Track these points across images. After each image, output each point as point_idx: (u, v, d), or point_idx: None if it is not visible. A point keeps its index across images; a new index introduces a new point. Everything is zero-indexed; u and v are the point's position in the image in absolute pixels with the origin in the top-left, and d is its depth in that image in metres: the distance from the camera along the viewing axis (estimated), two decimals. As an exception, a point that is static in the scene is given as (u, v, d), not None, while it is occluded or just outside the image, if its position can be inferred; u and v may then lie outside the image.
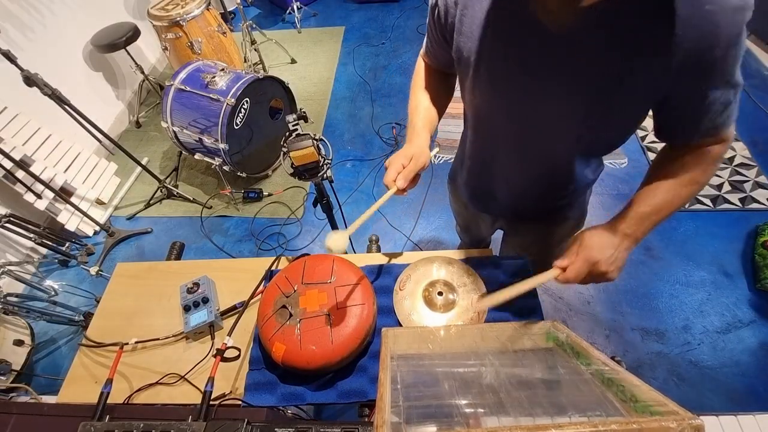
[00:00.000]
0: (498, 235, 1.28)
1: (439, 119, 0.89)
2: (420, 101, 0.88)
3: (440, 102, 0.90)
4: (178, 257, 1.19)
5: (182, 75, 2.22)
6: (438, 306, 0.88)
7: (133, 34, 2.62)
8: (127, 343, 0.90)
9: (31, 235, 2.06)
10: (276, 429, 0.66)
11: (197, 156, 2.38)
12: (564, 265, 0.69)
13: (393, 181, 0.76)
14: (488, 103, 0.75)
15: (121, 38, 2.55)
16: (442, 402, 0.58)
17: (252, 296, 0.93)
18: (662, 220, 0.69)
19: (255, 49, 3.10)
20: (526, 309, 0.89)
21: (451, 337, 0.77)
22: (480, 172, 0.96)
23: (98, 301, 1.06)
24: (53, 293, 2.08)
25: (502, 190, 0.93)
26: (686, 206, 2.14)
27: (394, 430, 0.49)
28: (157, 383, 0.87)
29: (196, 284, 0.97)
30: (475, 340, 0.77)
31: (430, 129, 0.85)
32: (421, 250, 2.13)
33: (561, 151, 0.76)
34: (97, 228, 2.36)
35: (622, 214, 0.71)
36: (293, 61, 3.35)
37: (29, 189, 2.07)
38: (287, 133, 1.07)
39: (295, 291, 0.86)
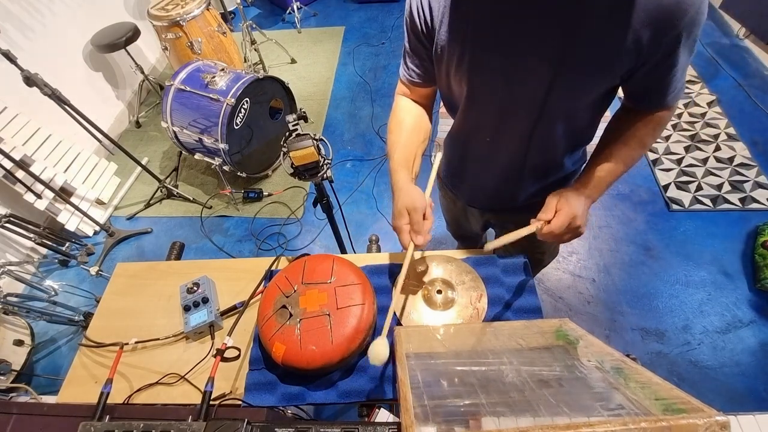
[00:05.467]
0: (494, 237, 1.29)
1: (426, 145, 0.89)
2: (396, 141, 0.85)
3: (422, 129, 0.89)
4: (178, 257, 1.18)
5: (182, 75, 2.22)
6: (437, 304, 0.88)
7: (133, 34, 2.62)
8: (127, 343, 0.90)
9: (31, 235, 2.06)
10: (276, 429, 0.66)
11: (197, 156, 2.38)
12: (548, 218, 0.73)
13: (411, 242, 0.74)
14: (470, 90, 0.77)
15: (121, 38, 2.55)
16: (468, 401, 0.58)
17: (252, 296, 0.93)
18: (615, 180, 0.79)
19: (255, 49, 3.10)
20: (527, 309, 0.89)
21: (464, 335, 0.77)
22: (466, 161, 0.98)
23: (98, 301, 1.06)
24: (53, 293, 2.08)
25: (487, 178, 0.96)
26: (685, 206, 2.14)
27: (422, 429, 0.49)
28: (157, 383, 0.87)
29: (196, 284, 0.97)
30: (489, 338, 0.77)
31: (408, 165, 0.83)
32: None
33: (537, 131, 0.79)
34: (97, 228, 2.36)
35: (582, 179, 0.79)
36: (293, 61, 3.35)
37: (29, 189, 2.07)
38: (287, 133, 1.07)
39: (295, 291, 0.86)
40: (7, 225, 1.93)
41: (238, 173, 2.34)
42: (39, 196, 2.13)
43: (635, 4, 0.57)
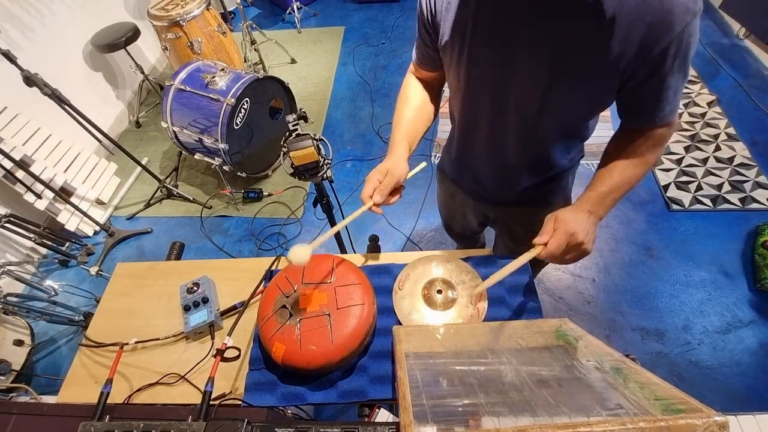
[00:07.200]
0: (493, 238, 1.29)
1: (428, 127, 0.94)
2: (402, 114, 0.91)
3: (426, 110, 0.93)
4: (178, 257, 1.19)
5: (182, 75, 2.22)
6: (438, 304, 0.88)
7: (133, 34, 2.62)
8: (127, 343, 0.90)
9: (31, 235, 2.06)
10: (276, 429, 0.66)
11: (197, 156, 2.38)
12: (544, 241, 0.72)
13: (369, 196, 0.81)
14: (470, 82, 0.79)
15: (121, 38, 2.55)
16: (468, 401, 0.58)
17: (252, 296, 0.93)
18: (620, 198, 0.77)
19: (255, 49, 3.10)
20: (527, 309, 0.89)
21: (464, 335, 0.77)
22: (465, 152, 1.00)
23: (98, 301, 1.06)
24: (53, 293, 2.08)
25: (486, 169, 0.97)
26: (685, 206, 2.14)
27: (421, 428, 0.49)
28: (157, 383, 0.87)
29: (196, 284, 0.97)
30: (489, 338, 0.77)
31: (410, 140, 0.89)
32: (421, 249, 2.13)
33: (533, 129, 0.80)
34: (97, 228, 2.36)
35: (584, 195, 0.77)
36: (293, 61, 3.35)
37: (29, 189, 2.07)
38: (287, 133, 1.07)
39: (295, 291, 0.86)
40: (7, 225, 1.93)
41: (238, 173, 2.34)
42: (39, 196, 2.13)
43: (626, 16, 0.59)
